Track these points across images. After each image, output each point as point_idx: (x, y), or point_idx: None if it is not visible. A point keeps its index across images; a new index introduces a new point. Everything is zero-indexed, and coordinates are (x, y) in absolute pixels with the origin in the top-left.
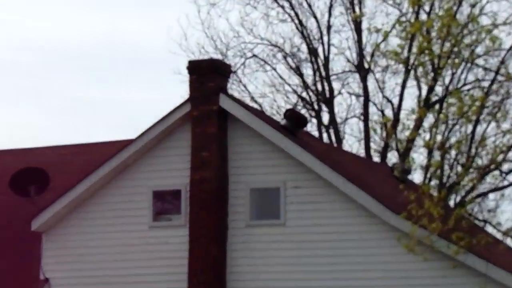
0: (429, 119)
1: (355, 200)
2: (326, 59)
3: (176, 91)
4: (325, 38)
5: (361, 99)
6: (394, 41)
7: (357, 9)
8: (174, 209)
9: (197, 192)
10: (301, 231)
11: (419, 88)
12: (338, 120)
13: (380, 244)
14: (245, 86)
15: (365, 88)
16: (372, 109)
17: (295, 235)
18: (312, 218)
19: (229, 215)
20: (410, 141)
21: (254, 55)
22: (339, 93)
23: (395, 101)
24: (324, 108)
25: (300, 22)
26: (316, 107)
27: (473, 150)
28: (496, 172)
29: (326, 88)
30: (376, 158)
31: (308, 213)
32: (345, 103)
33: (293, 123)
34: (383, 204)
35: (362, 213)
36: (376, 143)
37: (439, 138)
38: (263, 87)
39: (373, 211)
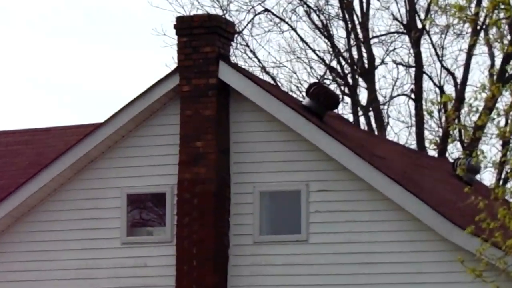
0: (505, 98)
1: (403, 208)
2: (365, 15)
3: (160, 58)
4: None
5: (412, 70)
6: None
7: None
8: (157, 220)
9: (187, 196)
10: (328, 250)
11: (492, 57)
12: (381, 99)
13: (437, 268)
14: (253, 53)
15: (418, 56)
16: (427, 84)
17: (320, 255)
18: (344, 233)
19: (231, 229)
20: (479, 128)
21: (266, 10)
22: (382, 62)
23: (459, 73)
24: (361, 82)
25: None
26: (350, 81)
27: None
28: None
29: (364, 55)
30: (432, 152)
31: (338, 226)
32: (390, 76)
33: (320, 102)
34: (441, 214)
35: (413, 226)
36: (433, 131)
37: None
38: (278, 54)
39: (427, 224)
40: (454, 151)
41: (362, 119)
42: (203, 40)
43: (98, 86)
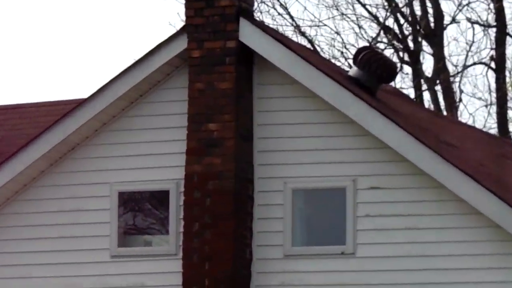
0: None
1: (481, 212)
2: None
3: (162, 16)
4: None
5: (492, 31)
6: None
7: None
8: (157, 226)
9: (198, 195)
10: (382, 266)
11: None
12: (451, 68)
13: None
14: (285, 8)
15: (500, 13)
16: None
17: (371, 273)
18: (402, 244)
19: (255, 238)
20: None
21: None
22: (453, 20)
23: None
24: (425, 47)
25: None
26: (411, 45)
27: None
28: None
29: (430, 11)
30: None
31: (395, 235)
32: (463, 39)
33: (371, 73)
34: None
35: (495, 235)
36: None
37: None
38: (317, 10)
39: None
40: None
41: (426, 95)
42: None
43: (80, 53)
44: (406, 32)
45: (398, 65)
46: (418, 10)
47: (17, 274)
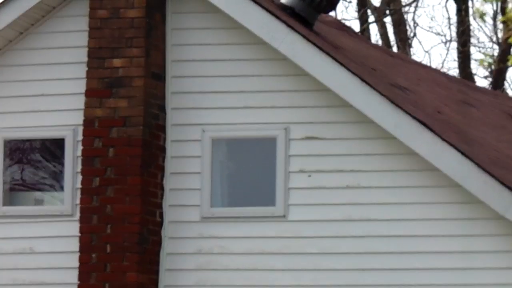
0: None
1: (438, 167)
2: None
3: None
4: None
5: None
6: None
7: None
8: (50, 181)
9: (99, 145)
10: (318, 231)
11: None
12: None
13: (491, 260)
14: None
15: None
16: None
17: (306, 240)
18: (342, 205)
19: (167, 197)
20: None
21: None
22: None
23: None
24: None
25: None
26: None
27: None
28: None
29: None
30: (482, 81)
31: (333, 194)
32: None
33: (308, 0)
34: (496, 178)
35: (454, 196)
36: (484, 48)
37: None
38: None
39: (477, 194)
40: None
41: (374, 28)
42: None
43: None
44: None
45: None
46: None
47: None
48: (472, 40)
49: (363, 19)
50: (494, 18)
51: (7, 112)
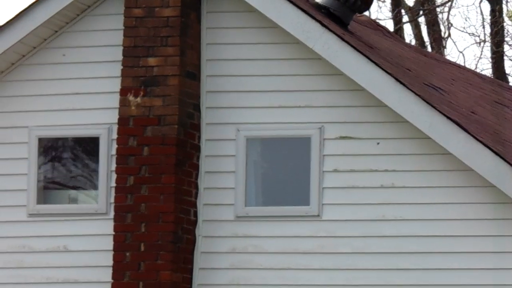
0: None
1: (473, 168)
2: None
3: None
4: None
5: None
6: None
7: None
8: (84, 180)
9: (133, 144)
10: (353, 231)
11: None
12: None
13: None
14: None
15: None
16: None
17: (340, 240)
18: (377, 205)
19: (202, 196)
20: None
21: None
22: None
23: None
24: None
25: None
26: None
27: None
28: None
29: None
30: None
31: (368, 194)
32: None
33: (343, 1)
34: None
35: (488, 197)
36: None
37: None
38: None
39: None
40: None
41: (408, 28)
42: None
43: None
44: None
45: None
46: None
47: None
48: (507, 40)
49: (397, 19)
50: None
51: (41, 110)
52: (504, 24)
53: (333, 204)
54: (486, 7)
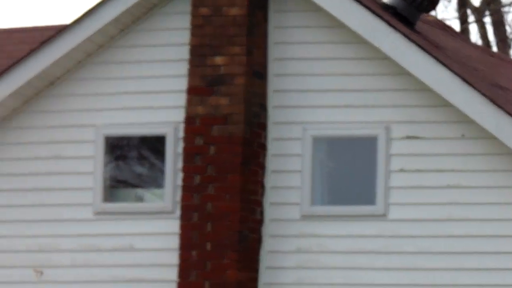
0: None
1: None
2: None
3: None
4: None
5: None
6: None
7: None
8: (151, 178)
9: (200, 142)
10: (419, 230)
11: None
12: None
13: None
14: None
15: None
16: None
17: (406, 239)
18: (443, 205)
19: (268, 195)
20: None
21: None
22: None
23: None
24: None
25: None
26: None
27: None
28: None
29: None
30: None
31: (434, 194)
32: None
33: (410, 1)
34: None
35: None
36: None
37: None
38: None
39: None
40: None
41: (474, 28)
42: None
43: None
44: None
45: None
46: None
47: None
48: None
49: (463, 19)
50: None
51: (108, 109)
52: None
53: (399, 204)
54: None
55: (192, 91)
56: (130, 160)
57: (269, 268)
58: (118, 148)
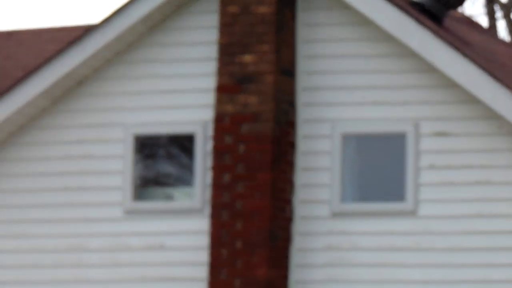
0: None
1: None
2: None
3: None
4: None
5: None
6: None
7: None
8: (180, 177)
9: (229, 141)
10: (448, 227)
11: None
12: None
13: None
14: None
15: None
16: None
17: (437, 236)
18: (473, 202)
19: (298, 192)
20: None
21: None
22: None
23: None
24: None
25: None
26: None
27: None
28: None
29: None
30: None
31: (465, 190)
32: None
33: None
34: None
35: None
36: None
37: None
38: None
39: None
40: None
41: (501, 24)
42: None
43: None
44: None
45: None
46: None
47: (11, 231)
48: None
49: (490, 15)
50: None
51: (137, 107)
52: None
53: (429, 200)
54: None
55: (221, 90)
56: (159, 158)
57: (299, 266)
58: (147, 147)
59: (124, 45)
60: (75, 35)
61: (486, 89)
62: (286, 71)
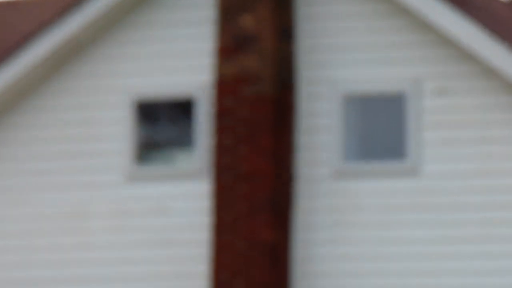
0: None
1: None
2: None
3: None
4: None
5: None
6: None
7: None
8: (181, 140)
9: (229, 103)
10: (451, 186)
11: None
12: None
13: None
14: None
15: None
16: None
17: (439, 195)
18: (475, 159)
19: (300, 154)
20: None
21: None
22: None
23: None
24: None
25: None
26: None
27: None
28: None
29: None
30: None
31: (467, 148)
32: None
33: None
34: None
35: None
36: None
37: None
38: None
39: None
40: None
41: None
42: None
43: None
44: None
45: None
46: None
47: (11, 197)
48: None
49: None
50: None
51: (136, 71)
52: None
53: (432, 159)
54: None
55: (221, 52)
56: (160, 122)
57: (302, 226)
58: (148, 111)
59: (123, 8)
60: (55, 7)
61: (485, 46)
62: (286, 31)
